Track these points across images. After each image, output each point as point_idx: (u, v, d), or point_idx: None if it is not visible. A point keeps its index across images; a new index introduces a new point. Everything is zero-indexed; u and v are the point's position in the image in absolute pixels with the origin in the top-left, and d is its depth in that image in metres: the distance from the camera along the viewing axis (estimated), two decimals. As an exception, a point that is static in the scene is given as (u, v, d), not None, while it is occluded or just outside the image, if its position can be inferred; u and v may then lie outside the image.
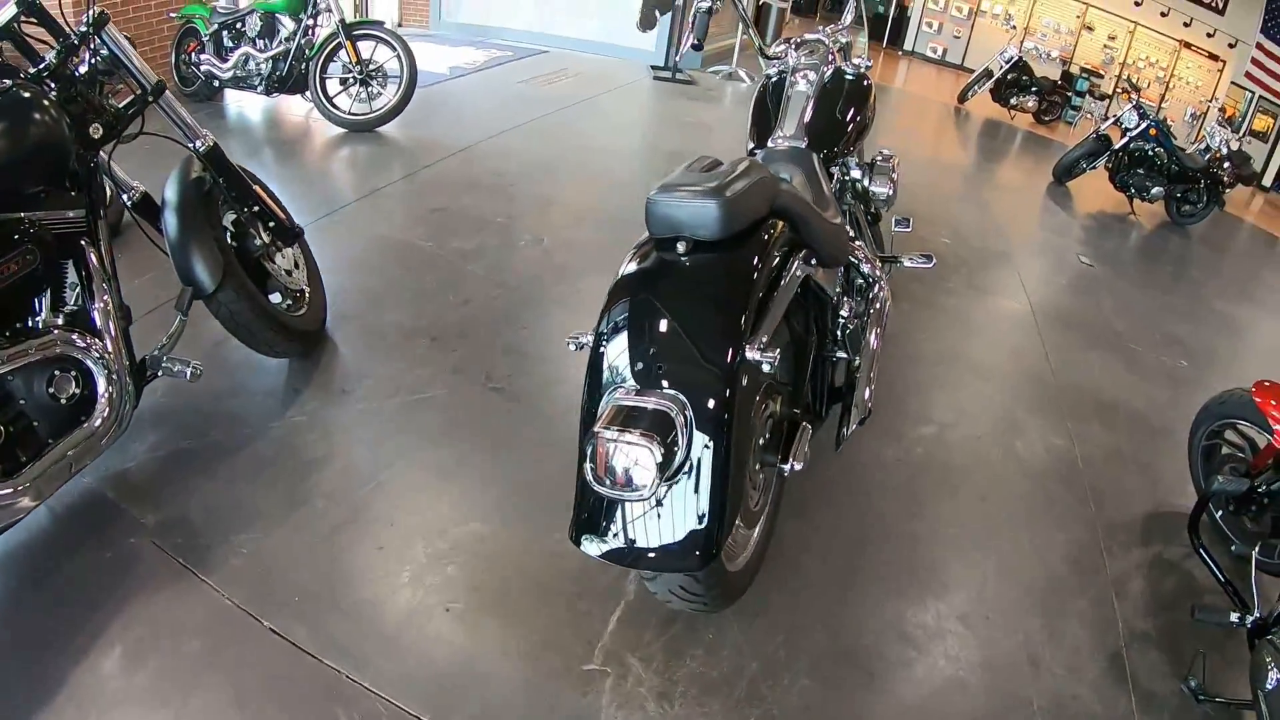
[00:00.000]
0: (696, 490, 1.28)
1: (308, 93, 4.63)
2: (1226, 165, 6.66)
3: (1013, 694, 1.83)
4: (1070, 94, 10.41)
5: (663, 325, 1.32)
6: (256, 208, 2.32)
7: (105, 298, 1.76)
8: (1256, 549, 2.27)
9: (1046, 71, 10.33)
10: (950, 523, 2.33)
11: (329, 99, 4.61)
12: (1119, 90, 7.68)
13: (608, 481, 1.22)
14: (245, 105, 4.96)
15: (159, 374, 1.90)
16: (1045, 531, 2.39)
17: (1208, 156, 6.70)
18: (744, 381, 1.31)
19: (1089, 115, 11.17)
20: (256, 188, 2.33)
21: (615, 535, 1.32)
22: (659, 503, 1.29)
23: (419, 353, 2.56)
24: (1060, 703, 1.84)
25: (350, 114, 4.64)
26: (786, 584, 1.96)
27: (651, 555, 1.32)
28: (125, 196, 2.09)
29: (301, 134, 4.65)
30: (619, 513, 1.32)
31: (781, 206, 1.56)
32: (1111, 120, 6.85)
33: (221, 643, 1.60)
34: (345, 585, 1.75)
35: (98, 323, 1.74)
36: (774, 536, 1.95)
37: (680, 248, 1.38)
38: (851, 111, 2.46)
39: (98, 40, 1.85)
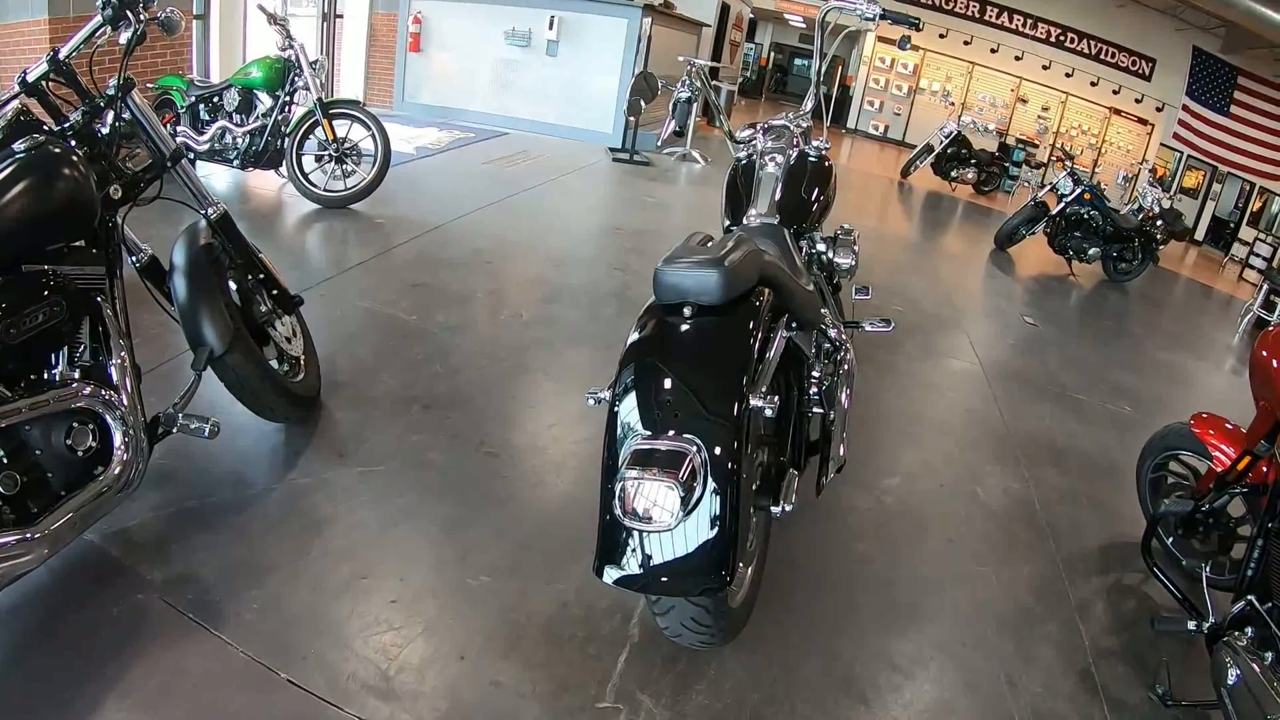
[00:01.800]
0: (711, 523, 1.43)
1: (282, 168, 4.75)
2: (1159, 223, 7.22)
3: (996, 712, 1.97)
4: (1008, 164, 11.14)
5: (674, 380, 1.48)
6: (261, 275, 2.45)
7: (123, 355, 1.81)
8: (1208, 565, 2.48)
9: (984, 144, 11.08)
10: (923, 563, 2.49)
11: (304, 175, 4.75)
12: (1054, 159, 8.29)
13: (632, 516, 1.37)
14: (217, 178, 5.09)
15: (174, 430, 1.94)
16: (1011, 566, 2.56)
17: (1140, 216, 7.25)
18: (747, 427, 1.48)
19: (1026, 184, 11.92)
20: (260, 257, 2.46)
21: (636, 564, 1.46)
22: (678, 535, 1.43)
23: (413, 419, 2.69)
24: (1040, 716, 1.98)
25: (325, 190, 4.78)
26: (779, 621, 2.09)
27: (672, 579, 1.46)
28: (134, 259, 2.12)
29: (276, 209, 4.80)
30: (641, 544, 1.46)
31: (768, 275, 1.76)
32: (1048, 188, 7.39)
33: (239, 694, 1.65)
34: (361, 637, 1.83)
35: (115, 378, 1.78)
36: (764, 577, 2.09)
37: (686, 312, 1.56)
38: (816, 190, 2.73)
39: (122, 104, 1.96)
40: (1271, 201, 13.17)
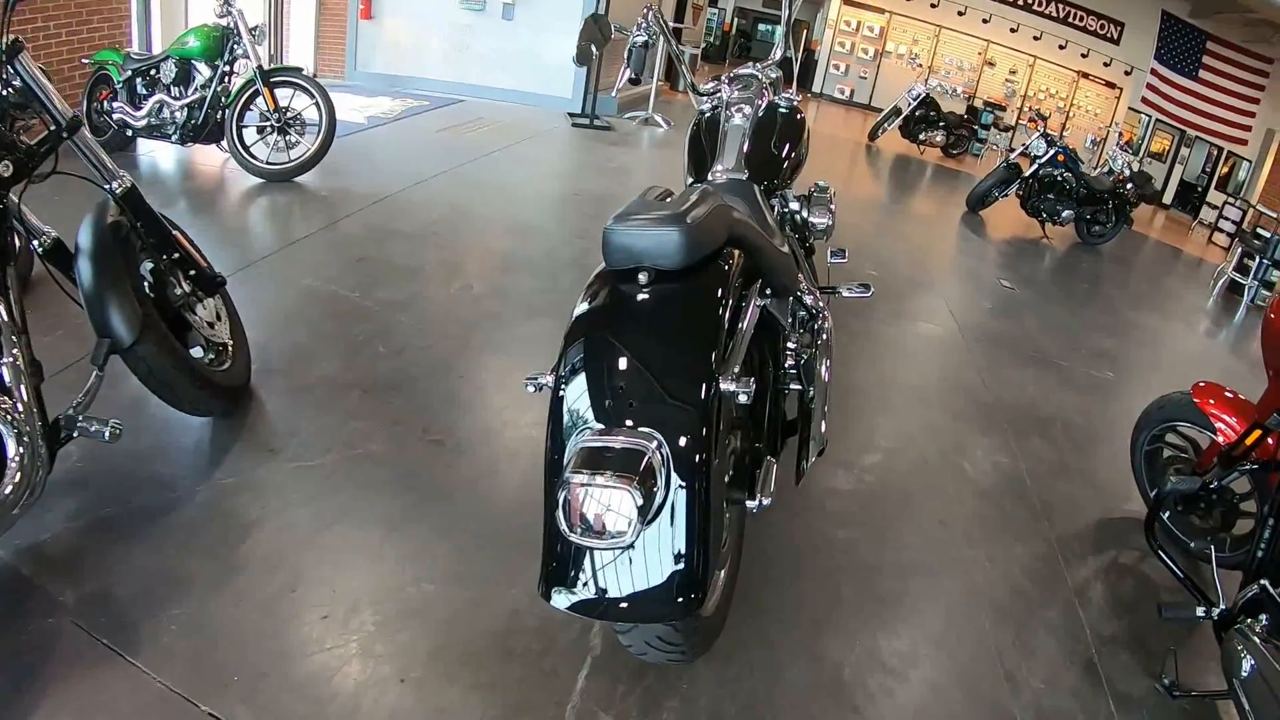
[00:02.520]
0: (676, 532, 1.20)
1: (224, 142, 4.48)
2: (1129, 186, 7.10)
3: (997, 713, 1.79)
4: (976, 127, 10.97)
5: (629, 361, 1.24)
6: (176, 255, 2.18)
7: (15, 352, 1.59)
8: (1214, 546, 2.33)
9: (952, 107, 10.90)
10: (911, 548, 2.30)
11: (245, 148, 4.46)
12: (1027, 120, 8.15)
13: (582, 530, 1.13)
14: (159, 155, 4.77)
15: (75, 435, 1.72)
16: (1004, 548, 2.39)
17: (1112, 179, 7.13)
18: (718, 415, 1.25)
19: (994, 147, 11.81)
20: (176, 234, 2.19)
21: (590, 586, 1.23)
22: (637, 548, 1.20)
23: (351, 406, 2.43)
24: (1043, 715, 1.82)
25: (268, 163, 4.50)
26: (756, 623, 1.88)
27: (633, 605, 1.22)
28: (36, 243, 1.91)
29: (217, 184, 4.48)
30: (594, 562, 1.23)
31: (738, 235, 1.53)
32: (1020, 150, 7.24)
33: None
34: (289, 660, 1.60)
35: (7, 379, 1.57)
36: (738, 575, 1.89)
37: (641, 279, 1.32)
38: (788, 144, 2.49)
39: (10, 70, 1.71)
40: (1239, 166, 13.23)
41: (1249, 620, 1.78)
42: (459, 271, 3.54)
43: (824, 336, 2.18)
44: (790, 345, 2.05)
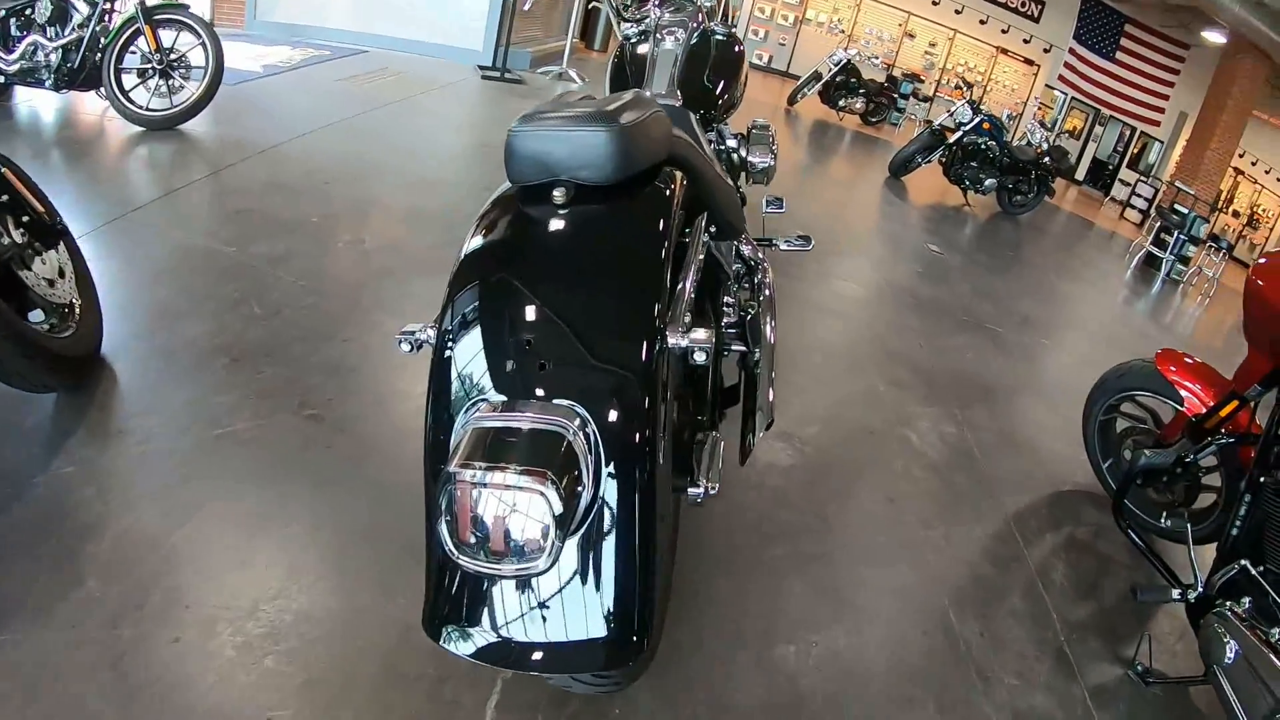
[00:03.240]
0: (609, 547, 0.89)
1: (103, 89, 3.89)
2: (1047, 160, 7.13)
3: (970, 716, 1.58)
4: (896, 96, 10.94)
5: (540, 309, 0.92)
6: (4, 198, 1.74)
7: None
8: (1180, 521, 2.19)
9: (873, 75, 10.84)
10: (863, 530, 2.08)
11: (125, 93, 3.90)
12: (952, 88, 8.09)
13: (475, 548, 0.80)
14: (40, 104, 4.10)
15: None
16: (960, 527, 2.20)
17: (1033, 151, 7.15)
18: (664, 383, 0.94)
19: (912, 118, 11.85)
20: (6, 171, 1.77)
21: (493, 625, 0.90)
22: (555, 572, 0.88)
23: (217, 377, 2.00)
24: (1020, 716, 1.62)
25: (149, 110, 3.94)
26: (697, 629, 1.61)
27: (553, 652, 0.90)
28: None
29: (95, 134, 3.86)
30: (498, 591, 0.91)
31: (680, 155, 1.22)
32: (945, 115, 7.16)
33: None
34: (133, 698, 1.23)
35: None
36: (674, 572, 1.61)
37: (557, 196, 1.00)
38: (725, 75, 2.19)
39: None
40: (1150, 146, 13.69)
41: (1228, 603, 1.63)
42: (349, 225, 3.09)
43: (766, 291, 1.90)
44: (729, 300, 1.76)
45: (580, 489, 0.82)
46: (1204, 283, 7.54)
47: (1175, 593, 1.77)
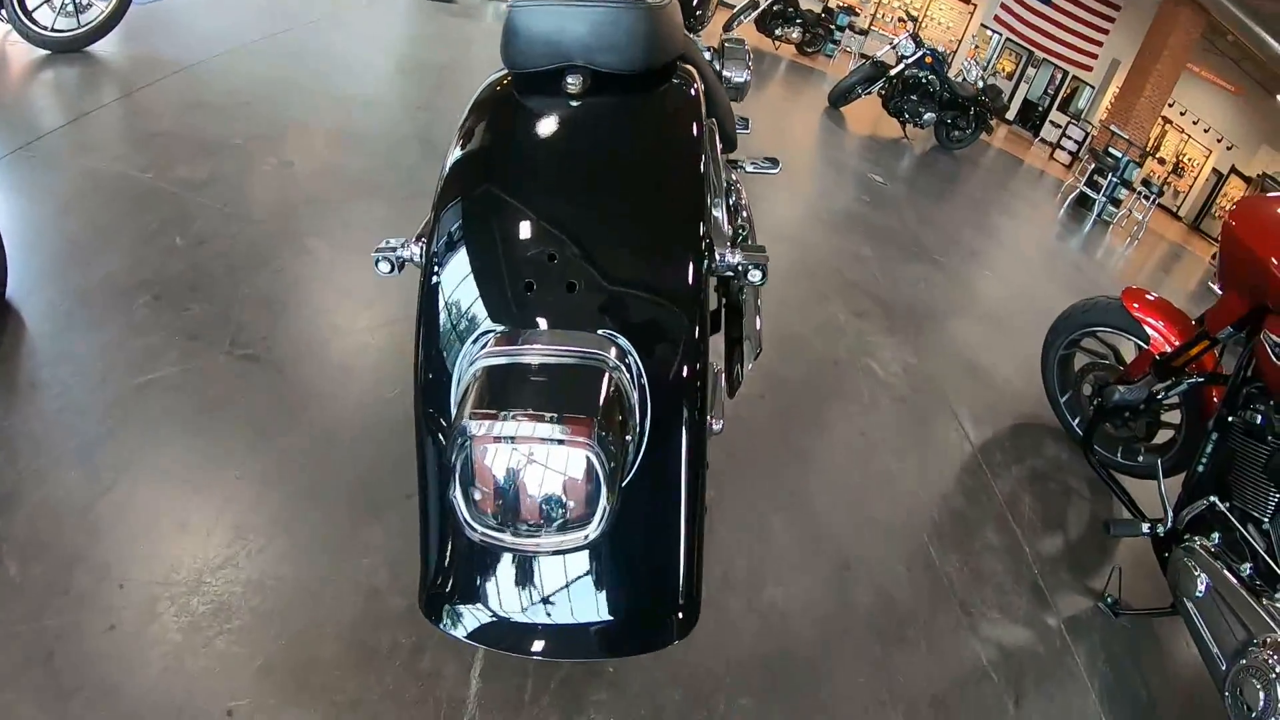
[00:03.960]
0: (658, 504, 0.75)
1: (3, 9, 3.34)
2: (984, 98, 7.13)
3: (959, 654, 1.56)
4: (832, 28, 10.74)
5: (564, 217, 0.76)
6: None
7: None
8: (1121, 452, 2.22)
9: (810, 6, 10.60)
10: (838, 467, 2.03)
11: (27, 13, 3.37)
12: (895, 21, 7.97)
13: (499, 521, 0.65)
14: None
15: None
16: (931, 461, 2.17)
17: (971, 88, 7.14)
18: (708, 305, 0.79)
19: (848, 50, 11.69)
20: None
21: (509, 604, 0.76)
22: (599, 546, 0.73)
23: (138, 317, 1.76)
24: (1005, 650, 1.62)
25: (54, 30, 3.42)
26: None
27: (584, 634, 0.75)
28: None
29: None
30: (513, 563, 0.76)
31: (692, 57, 1.06)
32: (886, 49, 7.05)
33: None
34: (69, 699, 1.06)
35: None
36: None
37: (571, 84, 0.84)
38: None
39: None
40: (1080, 91, 13.90)
41: (1197, 538, 1.65)
42: (277, 147, 2.78)
43: (744, 213, 1.78)
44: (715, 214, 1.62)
45: (628, 438, 0.68)
46: (1133, 224, 7.80)
47: (1145, 527, 1.78)
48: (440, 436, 0.73)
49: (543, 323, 0.72)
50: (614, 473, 0.64)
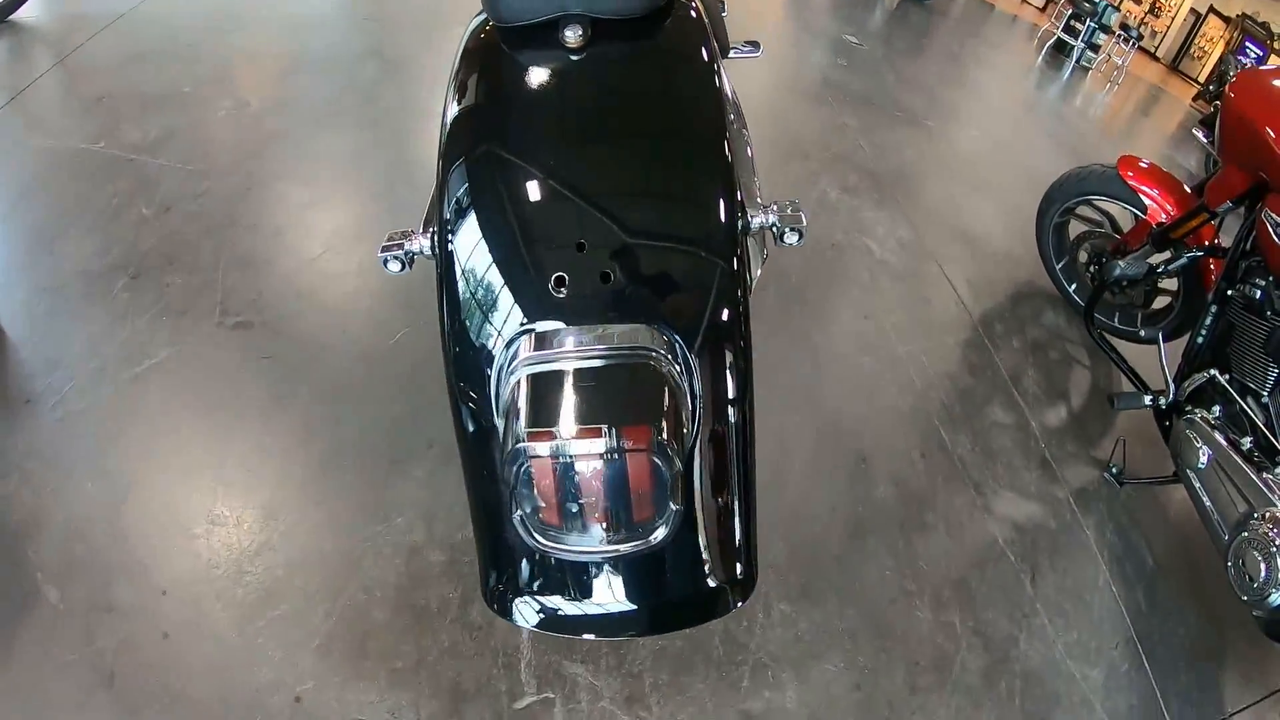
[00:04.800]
0: (712, 485, 0.75)
1: None
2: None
3: (976, 535, 1.64)
4: None
5: (587, 195, 0.71)
6: None
7: None
8: (1117, 316, 2.24)
9: None
10: (845, 357, 2.04)
11: None
12: None
13: (566, 531, 0.65)
14: None
15: None
16: (935, 340, 2.18)
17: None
18: (746, 272, 0.76)
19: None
20: None
21: (575, 593, 0.76)
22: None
23: (119, 303, 1.69)
24: (1020, 529, 1.69)
25: None
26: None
27: (651, 612, 0.77)
28: None
29: None
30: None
31: None
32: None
33: None
34: (139, 712, 1.09)
35: None
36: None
37: (570, 37, 0.77)
38: None
39: None
40: None
41: (1198, 410, 1.68)
42: (228, 88, 2.58)
43: (734, 101, 1.70)
44: None
45: (686, 433, 0.67)
46: (1112, 69, 7.54)
47: (1147, 399, 1.81)
48: (490, 454, 0.71)
49: (581, 319, 0.69)
50: (677, 475, 0.63)
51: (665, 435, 0.62)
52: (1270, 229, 1.53)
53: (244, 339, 1.66)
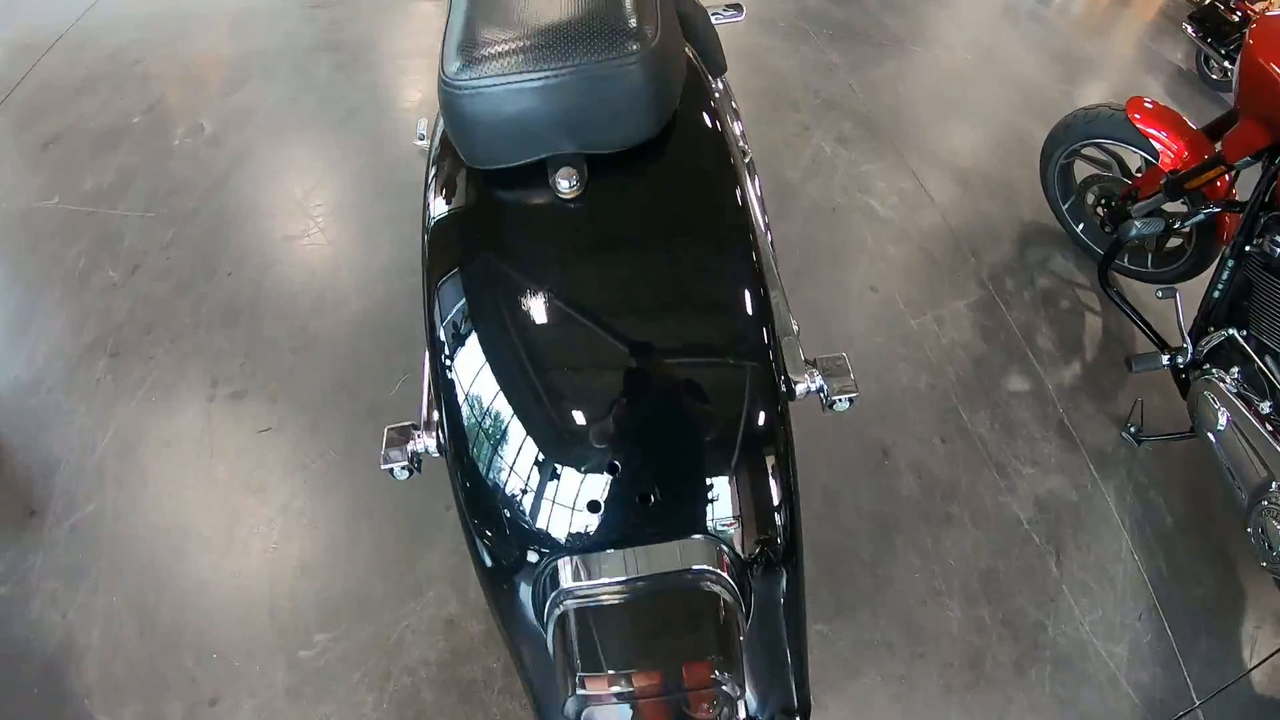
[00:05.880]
0: (765, 648, 0.73)
1: None
2: None
3: (1000, 520, 1.66)
4: None
5: (607, 390, 0.65)
6: None
7: None
8: (1126, 256, 2.18)
9: None
10: (856, 336, 2.00)
11: None
12: None
13: None
14: None
15: None
16: (946, 306, 2.14)
17: None
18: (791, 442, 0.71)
19: None
20: None
21: None
22: None
23: (104, 388, 1.62)
24: (1043, 506, 1.71)
25: None
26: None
27: None
28: None
29: None
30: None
31: (685, 13, 0.88)
32: None
33: None
34: None
35: None
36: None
37: (563, 186, 0.68)
38: None
39: None
40: None
41: (1216, 370, 1.65)
42: (180, 111, 2.42)
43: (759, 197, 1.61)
44: None
45: (742, 637, 0.64)
46: None
47: (1165, 359, 1.77)
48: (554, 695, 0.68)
49: (621, 540, 0.65)
50: (741, 689, 0.61)
51: (726, 661, 0.60)
52: None
53: (240, 411, 1.61)
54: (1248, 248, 1.63)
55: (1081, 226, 2.34)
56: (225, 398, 1.62)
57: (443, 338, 0.68)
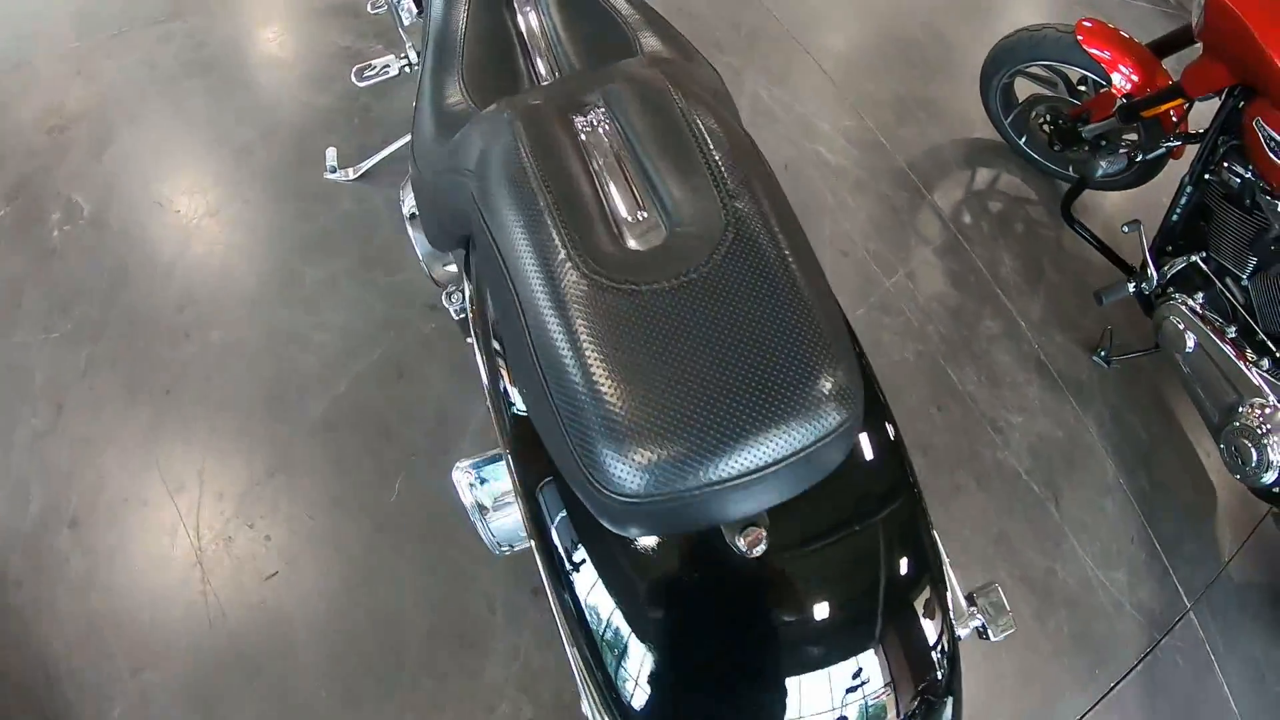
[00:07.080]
0: None
1: None
2: None
3: (1001, 477, 1.78)
4: None
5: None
6: None
7: None
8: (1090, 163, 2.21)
9: None
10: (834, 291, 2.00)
11: None
12: None
13: None
14: None
15: None
16: (916, 257, 2.15)
17: None
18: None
19: None
20: None
21: None
22: None
23: (75, 568, 1.46)
24: (1036, 453, 1.83)
25: None
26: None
27: None
28: None
29: None
30: None
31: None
32: None
33: None
34: None
35: None
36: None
37: (749, 547, 0.63)
38: None
39: None
40: None
41: (1180, 294, 1.73)
42: (47, 191, 2.00)
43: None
44: None
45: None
46: None
47: (1130, 286, 1.84)
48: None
49: None
50: None
51: None
52: (1263, 141, 1.49)
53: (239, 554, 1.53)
54: (1206, 175, 1.67)
55: (1025, 139, 2.34)
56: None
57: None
